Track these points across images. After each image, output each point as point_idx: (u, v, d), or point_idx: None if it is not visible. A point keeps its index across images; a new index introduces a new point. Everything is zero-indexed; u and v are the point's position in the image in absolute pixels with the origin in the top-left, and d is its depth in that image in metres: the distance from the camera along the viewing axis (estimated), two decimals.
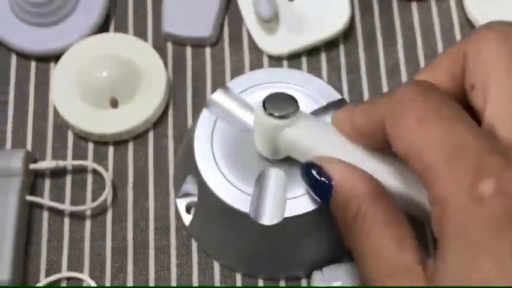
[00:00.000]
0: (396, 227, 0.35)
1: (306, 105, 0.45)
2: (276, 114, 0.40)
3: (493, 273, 0.29)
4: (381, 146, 0.37)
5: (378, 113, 0.35)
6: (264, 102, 0.41)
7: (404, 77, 0.53)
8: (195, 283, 0.47)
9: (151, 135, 0.52)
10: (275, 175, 0.43)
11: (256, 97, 0.45)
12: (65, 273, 0.47)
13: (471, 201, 0.30)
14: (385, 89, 0.53)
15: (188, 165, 0.46)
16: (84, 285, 0.47)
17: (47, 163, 0.49)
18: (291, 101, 0.41)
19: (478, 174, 0.31)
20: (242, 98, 0.46)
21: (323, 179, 0.38)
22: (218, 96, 0.46)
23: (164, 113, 0.52)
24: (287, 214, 0.42)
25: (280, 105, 0.41)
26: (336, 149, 0.39)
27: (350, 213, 0.36)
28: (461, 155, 0.31)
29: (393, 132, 0.34)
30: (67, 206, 0.49)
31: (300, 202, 0.43)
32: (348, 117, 0.38)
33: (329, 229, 0.44)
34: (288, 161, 0.43)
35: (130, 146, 0.51)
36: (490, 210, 0.30)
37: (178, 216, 0.49)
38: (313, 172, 0.39)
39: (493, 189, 0.30)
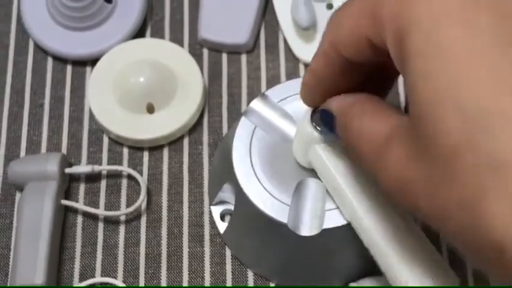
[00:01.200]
0: (384, 108, 0.34)
1: None
2: (318, 128, 0.40)
3: (457, 35, 0.27)
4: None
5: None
6: (313, 113, 0.40)
7: None
8: None
9: (186, 141, 0.51)
10: (314, 185, 0.43)
11: (296, 106, 0.45)
12: (98, 278, 0.47)
13: None
14: None
15: (225, 173, 0.46)
16: None
17: (83, 167, 0.49)
18: None
19: None
20: (281, 106, 0.45)
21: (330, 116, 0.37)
22: (257, 105, 0.46)
23: (200, 119, 0.52)
24: (326, 225, 0.42)
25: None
26: (347, 188, 0.40)
27: (346, 120, 0.35)
28: None
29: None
30: (101, 211, 0.49)
31: (340, 213, 0.42)
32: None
33: None
34: None
35: (165, 152, 0.51)
36: None
37: (213, 224, 0.49)
38: (323, 115, 0.38)
39: None
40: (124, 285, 0.47)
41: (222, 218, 0.49)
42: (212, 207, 0.49)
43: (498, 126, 0.25)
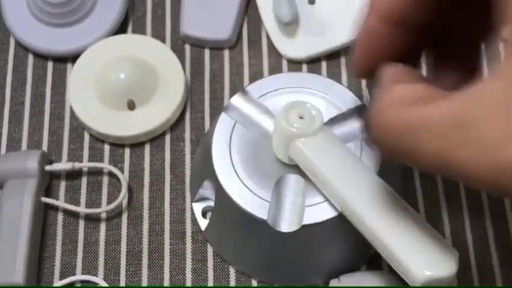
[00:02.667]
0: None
1: (326, 111, 0.44)
2: (295, 125, 0.40)
3: None
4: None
5: None
6: (290, 108, 0.40)
7: None
8: None
9: (167, 138, 0.51)
10: (294, 181, 0.43)
11: (276, 102, 0.45)
12: (79, 276, 0.47)
13: None
14: None
15: (205, 170, 0.45)
16: None
17: (63, 165, 0.49)
18: (317, 113, 0.40)
19: None
20: (261, 102, 0.45)
21: None
22: (237, 101, 0.45)
23: (182, 115, 0.52)
24: (306, 221, 0.42)
25: (304, 114, 0.40)
26: (334, 178, 0.39)
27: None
28: None
29: None
30: (82, 209, 0.49)
31: (320, 209, 0.42)
32: None
33: (348, 237, 0.43)
34: None
35: (147, 149, 0.51)
36: None
37: (194, 221, 0.48)
38: None
39: None
40: (104, 282, 0.46)
41: (204, 215, 0.48)
42: (193, 204, 0.49)
43: None
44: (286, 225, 0.42)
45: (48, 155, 0.50)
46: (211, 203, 0.47)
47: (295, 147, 0.41)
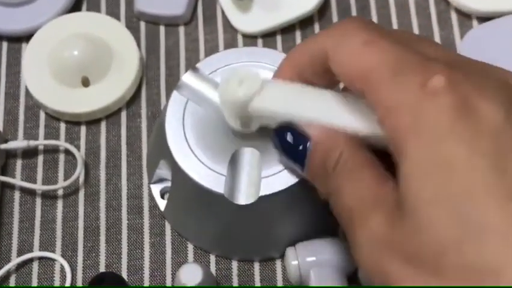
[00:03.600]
0: (374, 168, 0.35)
1: None
2: (240, 92, 0.40)
3: (460, 153, 0.29)
4: (322, 81, 0.38)
5: (320, 44, 0.36)
6: (227, 80, 0.40)
7: None
8: (168, 263, 0.47)
9: (123, 114, 0.51)
10: (249, 154, 0.43)
11: None
12: (36, 252, 0.47)
13: (425, 97, 0.31)
14: None
15: (161, 150, 0.45)
16: (56, 264, 0.47)
17: (18, 143, 0.49)
18: (251, 72, 0.40)
19: (426, 75, 0.31)
20: (212, 78, 0.45)
21: (299, 140, 0.38)
22: (188, 78, 0.45)
23: (137, 92, 0.52)
24: (263, 192, 0.42)
25: (242, 79, 0.40)
26: (307, 106, 0.39)
27: (331, 162, 0.36)
28: (406, 67, 0.32)
29: (337, 57, 0.35)
30: (38, 186, 0.49)
31: (275, 180, 0.42)
32: (288, 59, 0.40)
33: (304, 208, 0.44)
34: (261, 139, 0.43)
35: (103, 126, 0.51)
36: (445, 99, 0.30)
37: (151, 196, 0.49)
38: (287, 136, 0.38)
39: (444, 81, 0.30)
40: (62, 259, 0.47)
41: (163, 196, 0.49)
42: (152, 185, 0.49)
43: (491, 239, 0.27)
44: (244, 197, 0.42)
45: (4, 135, 0.50)
46: (169, 184, 0.47)
47: (256, 111, 0.40)
